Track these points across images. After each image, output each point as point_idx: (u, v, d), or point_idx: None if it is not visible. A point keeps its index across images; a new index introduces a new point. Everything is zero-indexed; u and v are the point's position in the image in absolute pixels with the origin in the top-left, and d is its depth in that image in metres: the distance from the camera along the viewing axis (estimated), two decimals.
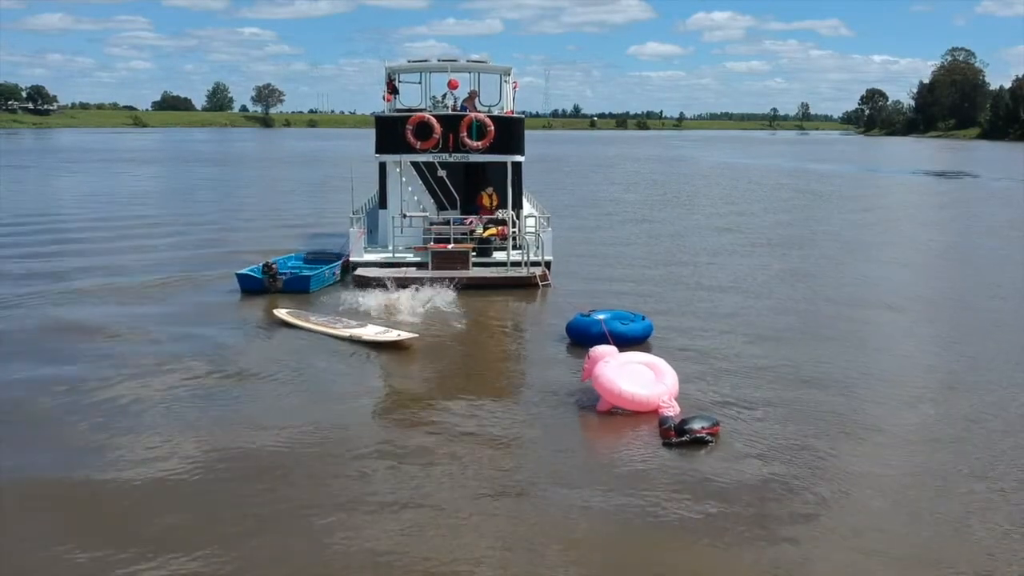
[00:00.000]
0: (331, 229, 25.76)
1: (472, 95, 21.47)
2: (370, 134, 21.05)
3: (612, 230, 26.64)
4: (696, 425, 9.74)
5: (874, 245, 25.95)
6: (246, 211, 33.86)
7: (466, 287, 17.48)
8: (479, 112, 20.38)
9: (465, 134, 19.20)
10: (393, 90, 21.28)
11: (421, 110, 21.31)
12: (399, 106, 21.67)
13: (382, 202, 20.09)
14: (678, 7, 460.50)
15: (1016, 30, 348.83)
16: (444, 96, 21.44)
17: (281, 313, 15.14)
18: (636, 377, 10.84)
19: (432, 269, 17.97)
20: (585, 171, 58.15)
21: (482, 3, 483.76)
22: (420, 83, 22.47)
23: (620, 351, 11.49)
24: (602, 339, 12.40)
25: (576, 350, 13.14)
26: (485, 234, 18.92)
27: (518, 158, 19.95)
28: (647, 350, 12.66)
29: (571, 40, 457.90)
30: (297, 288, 17.21)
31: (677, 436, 9.67)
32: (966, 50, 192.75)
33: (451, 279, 17.00)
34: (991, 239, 27.45)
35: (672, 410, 10.50)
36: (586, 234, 26.45)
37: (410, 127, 19.14)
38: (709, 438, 9.69)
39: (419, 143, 19.13)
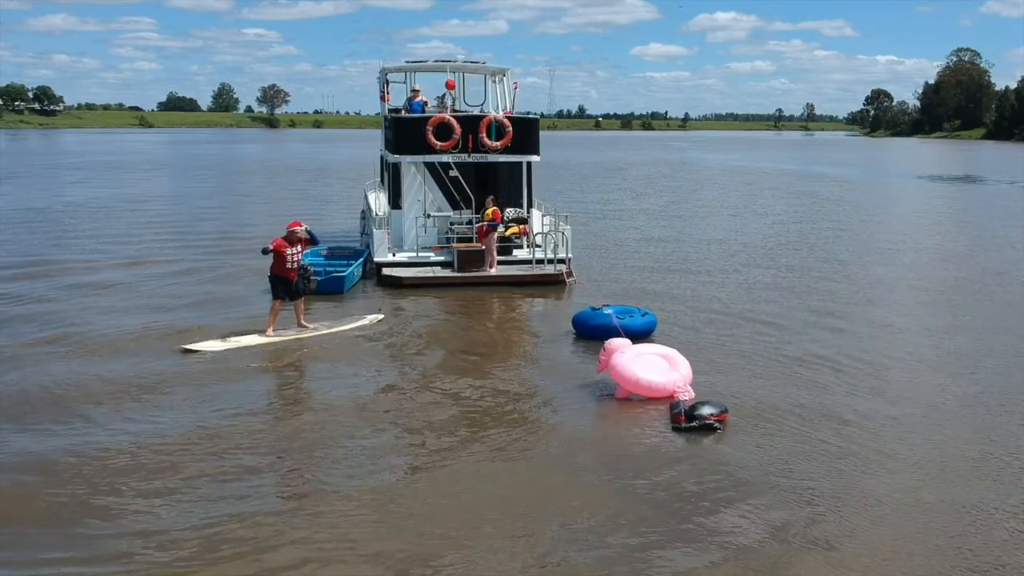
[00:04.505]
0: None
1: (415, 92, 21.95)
2: (374, 135, 21.20)
3: (627, 246, 26.75)
4: (705, 411, 10.04)
5: (889, 250, 26.04)
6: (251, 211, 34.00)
7: (492, 285, 17.96)
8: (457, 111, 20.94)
9: (484, 134, 19.43)
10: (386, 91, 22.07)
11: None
12: (389, 107, 22.17)
13: (395, 203, 20.22)
14: (682, 7, 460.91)
15: (1022, 30, 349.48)
16: (443, 96, 21.69)
17: (206, 344, 13.35)
18: (651, 366, 11.24)
19: (458, 269, 18.39)
20: (590, 178, 58.25)
21: (486, 4, 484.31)
22: (405, 83, 22.84)
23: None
24: (603, 330, 13.04)
25: (586, 342, 13.73)
26: (508, 233, 19.20)
27: (534, 158, 20.24)
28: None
29: (576, 41, 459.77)
30: (331, 289, 16.95)
31: (687, 421, 9.98)
32: (971, 50, 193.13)
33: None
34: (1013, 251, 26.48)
35: (687, 395, 10.87)
36: (600, 241, 26.67)
37: (430, 128, 19.32)
38: (718, 425, 9.97)
39: (439, 144, 19.31)
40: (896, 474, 8.91)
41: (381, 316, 15.40)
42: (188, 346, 13.22)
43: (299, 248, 14.21)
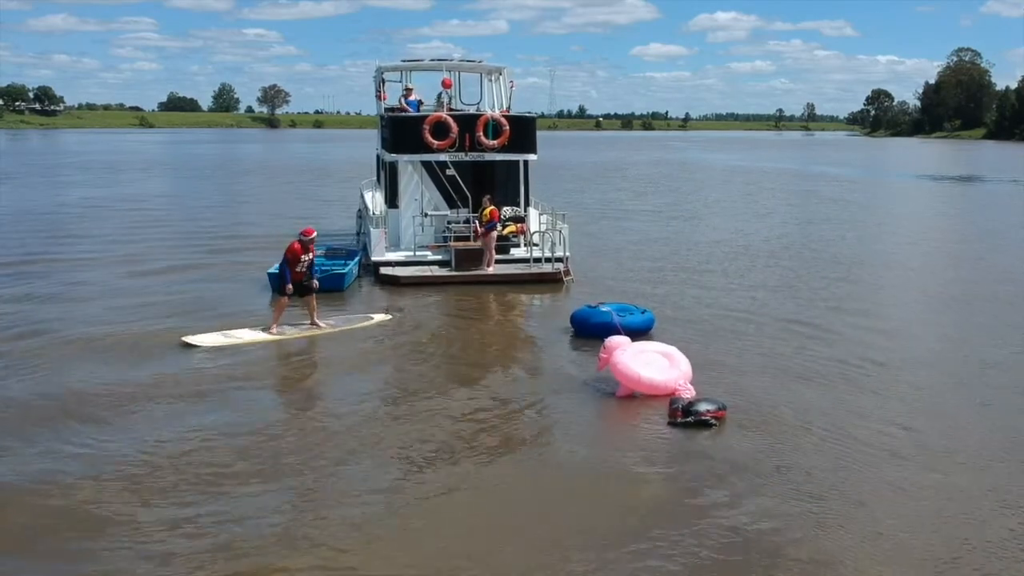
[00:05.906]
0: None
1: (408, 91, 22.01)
2: (374, 135, 21.10)
3: (626, 245, 26.68)
4: (702, 407, 10.09)
5: (892, 250, 25.99)
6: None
7: (489, 283, 17.96)
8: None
9: (481, 133, 19.34)
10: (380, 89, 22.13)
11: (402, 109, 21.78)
12: (385, 106, 22.13)
13: (392, 202, 20.08)
14: (682, 7, 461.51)
15: (1022, 30, 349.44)
16: (439, 95, 21.69)
17: (206, 338, 13.42)
18: (652, 364, 11.21)
19: (455, 267, 18.35)
20: (590, 178, 58.21)
21: (486, 4, 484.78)
22: (400, 82, 22.78)
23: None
24: (601, 328, 13.05)
25: (584, 339, 13.68)
26: (505, 232, 19.13)
27: (531, 156, 20.20)
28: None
29: (576, 41, 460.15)
30: (331, 287, 16.82)
31: (683, 417, 10.02)
32: (972, 50, 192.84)
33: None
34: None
35: (688, 392, 10.84)
36: (599, 241, 26.60)
37: (427, 126, 19.22)
38: (714, 421, 9.99)
39: (436, 142, 19.22)
40: (898, 473, 8.80)
41: (390, 316, 15.40)
42: (187, 339, 13.27)
43: (311, 256, 14.29)
